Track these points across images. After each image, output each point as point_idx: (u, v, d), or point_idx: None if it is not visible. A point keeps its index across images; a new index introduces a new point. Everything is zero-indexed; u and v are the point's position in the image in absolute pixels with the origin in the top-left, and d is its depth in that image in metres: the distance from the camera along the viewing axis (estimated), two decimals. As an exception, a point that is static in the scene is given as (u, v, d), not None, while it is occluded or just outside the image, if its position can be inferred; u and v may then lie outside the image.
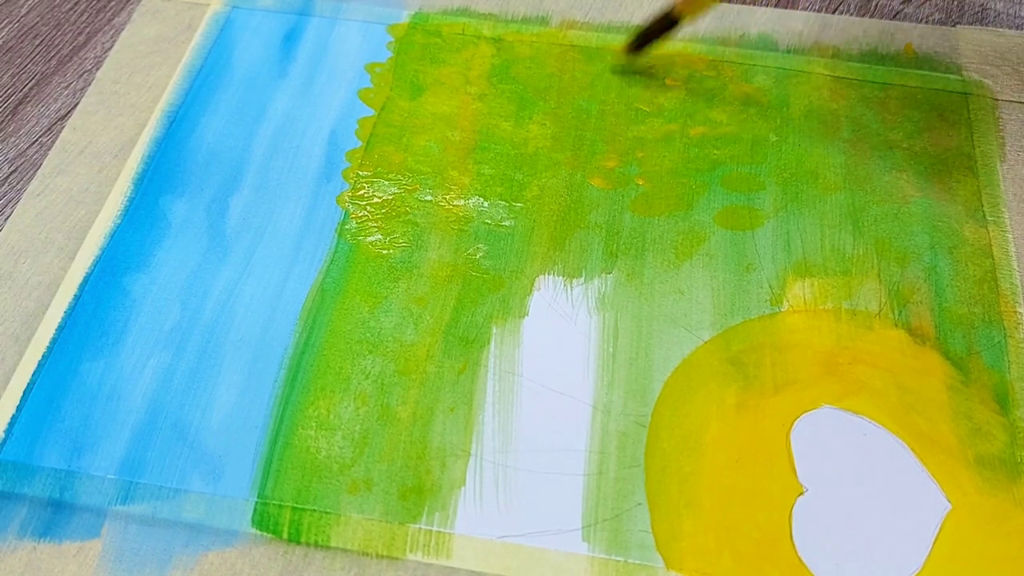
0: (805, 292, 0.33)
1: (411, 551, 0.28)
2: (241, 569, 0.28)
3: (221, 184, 0.36)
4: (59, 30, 0.42)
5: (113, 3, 0.43)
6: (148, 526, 0.28)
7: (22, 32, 0.42)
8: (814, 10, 0.43)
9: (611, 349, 0.32)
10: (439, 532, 0.28)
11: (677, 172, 0.36)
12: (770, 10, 0.42)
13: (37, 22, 0.43)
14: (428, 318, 0.32)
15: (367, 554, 0.28)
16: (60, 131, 0.38)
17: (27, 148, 0.38)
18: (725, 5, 0.43)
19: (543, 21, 0.42)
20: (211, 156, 0.37)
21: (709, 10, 0.40)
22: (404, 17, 0.42)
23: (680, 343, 0.32)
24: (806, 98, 0.39)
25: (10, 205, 0.36)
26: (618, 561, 0.27)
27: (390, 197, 0.36)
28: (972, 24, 0.42)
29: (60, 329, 0.32)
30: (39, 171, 0.36)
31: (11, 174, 0.37)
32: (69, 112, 0.39)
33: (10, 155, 0.38)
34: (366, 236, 0.35)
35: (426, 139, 0.37)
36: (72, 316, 0.32)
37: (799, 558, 0.27)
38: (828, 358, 0.31)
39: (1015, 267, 0.34)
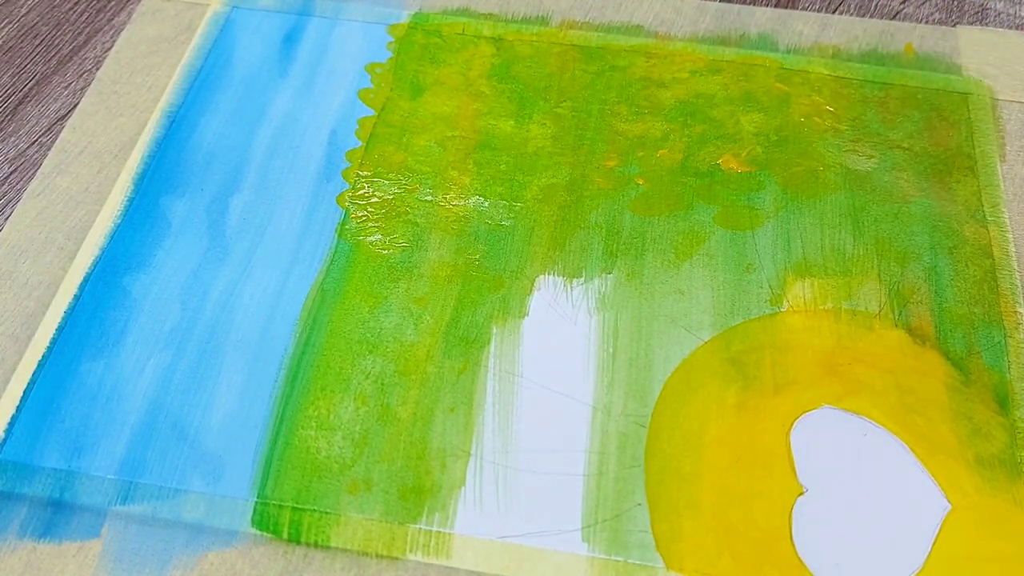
0: (805, 292, 0.33)
1: (411, 551, 0.28)
2: (241, 569, 0.28)
3: (221, 184, 0.36)
4: (59, 30, 0.42)
5: (113, 3, 0.43)
6: (148, 526, 0.28)
7: (22, 32, 0.42)
8: (814, 10, 0.43)
9: (611, 349, 0.32)
10: (439, 532, 0.28)
11: (677, 172, 0.36)
12: (770, 10, 0.42)
13: (37, 22, 0.43)
14: (428, 318, 0.32)
15: (367, 554, 0.28)
16: (60, 131, 0.38)
17: (27, 148, 0.38)
18: (725, 5, 0.43)
19: (543, 21, 0.42)
20: (211, 156, 0.37)
21: None
22: (404, 17, 0.42)
23: (680, 343, 0.32)
24: (806, 98, 0.39)
25: (10, 205, 0.36)
26: (618, 561, 0.27)
27: (390, 197, 0.36)
28: (972, 24, 0.42)
29: (60, 329, 0.32)
30: (39, 171, 0.36)
31: (11, 174, 0.37)
32: (69, 112, 0.39)
33: (10, 155, 0.38)
34: (366, 236, 0.35)
35: (426, 139, 0.37)
36: (72, 316, 0.32)
37: (799, 558, 0.27)
38: (828, 358, 0.31)
39: (1015, 267, 0.34)
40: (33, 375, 0.31)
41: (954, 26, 0.42)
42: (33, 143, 0.38)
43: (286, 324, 0.32)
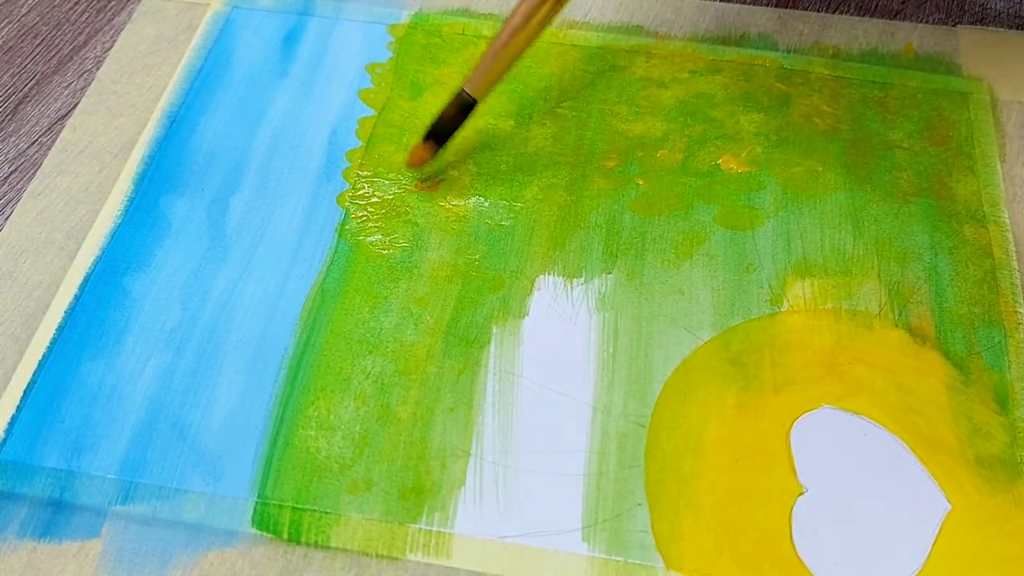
0: (805, 292, 0.33)
1: (411, 551, 0.28)
2: (241, 569, 0.28)
3: (221, 184, 0.36)
4: (59, 30, 0.42)
5: (113, 3, 0.43)
6: (148, 526, 0.28)
7: (22, 32, 0.42)
8: (814, 10, 0.43)
9: (611, 349, 0.32)
10: (439, 532, 0.28)
11: (677, 172, 0.36)
12: (770, 10, 0.42)
13: (37, 22, 0.43)
14: (428, 318, 0.32)
15: (367, 554, 0.28)
16: (60, 131, 0.38)
17: (27, 148, 0.38)
18: (725, 5, 0.43)
19: (543, 21, 0.42)
20: (211, 156, 0.37)
21: (500, 80, 0.35)
22: (404, 17, 0.42)
23: (680, 343, 0.32)
24: (806, 98, 0.39)
25: (10, 205, 0.36)
26: (618, 561, 0.27)
27: (390, 197, 0.36)
28: (972, 24, 0.42)
29: (60, 329, 0.32)
30: (39, 171, 0.36)
31: (11, 174, 0.37)
32: (69, 112, 0.39)
33: (10, 155, 0.38)
34: (366, 236, 0.35)
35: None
36: (72, 316, 0.32)
37: (799, 558, 0.27)
38: (828, 358, 0.31)
39: (1015, 267, 0.34)
40: (33, 375, 0.31)
41: (954, 26, 0.42)
42: (33, 143, 0.38)
43: (286, 324, 0.32)
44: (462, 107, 0.35)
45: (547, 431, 0.30)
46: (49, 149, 0.37)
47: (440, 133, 0.35)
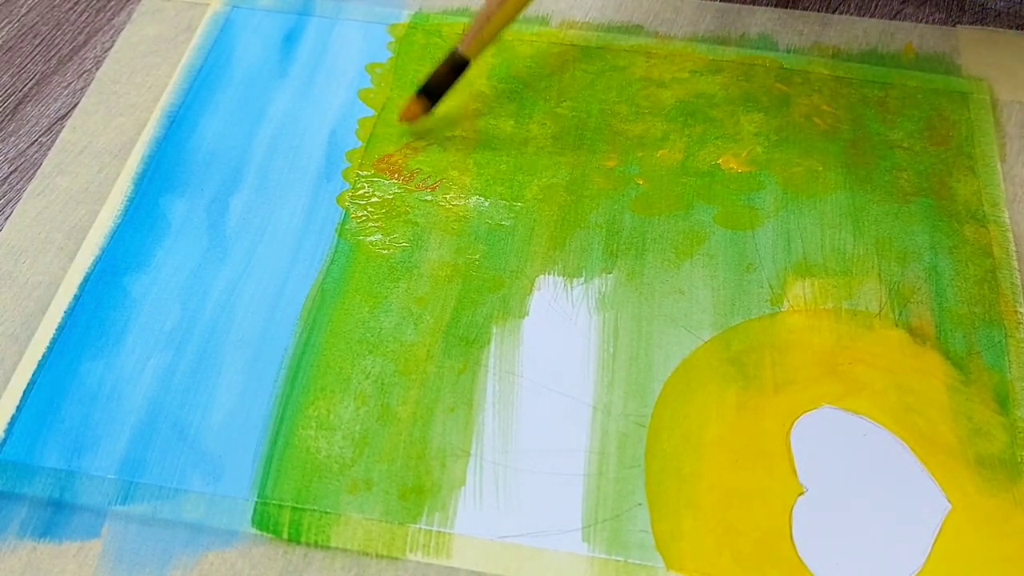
0: (805, 292, 0.33)
1: (411, 551, 0.28)
2: (241, 569, 0.28)
3: (221, 184, 0.36)
4: (59, 30, 0.42)
5: (113, 3, 0.43)
6: (148, 526, 0.28)
7: (22, 32, 0.42)
8: (814, 10, 0.43)
9: (611, 349, 0.32)
10: (439, 532, 0.28)
11: (677, 172, 0.36)
12: (770, 10, 0.42)
13: (37, 22, 0.43)
14: (428, 318, 0.32)
15: (367, 554, 0.28)
16: (60, 131, 0.38)
17: (27, 148, 0.38)
18: (725, 5, 0.43)
19: (543, 21, 0.42)
20: (211, 156, 0.37)
21: (491, 43, 0.37)
22: (404, 17, 0.42)
23: (680, 343, 0.32)
24: (806, 98, 0.39)
25: (10, 205, 0.36)
26: (618, 561, 0.27)
27: (390, 197, 0.36)
28: (972, 24, 0.42)
29: (60, 329, 0.32)
30: (39, 171, 0.36)
31: (11, 174, 0.37)
32: (69, 112, 0.39)
33: (10, 155, 0.38)
34: (366, 236, 0.35)
35: (426, 139, 0.37)
36: (72, 316, 0.32)
37: (799, 558, 0.27)
38: (828, 358, 0.31)
39: (1015, 267, 0.34)
40: (33, 375, 0.31)
41: (954, 26, 0.42)
42: (33, 143, 0.38)
43: (286, 324, 0.32)
44: (455, 66, 0.37)
45: (547, 431, 0.30)
46: (49, 149, 0.37)
47: (432, 90, 0.37)
